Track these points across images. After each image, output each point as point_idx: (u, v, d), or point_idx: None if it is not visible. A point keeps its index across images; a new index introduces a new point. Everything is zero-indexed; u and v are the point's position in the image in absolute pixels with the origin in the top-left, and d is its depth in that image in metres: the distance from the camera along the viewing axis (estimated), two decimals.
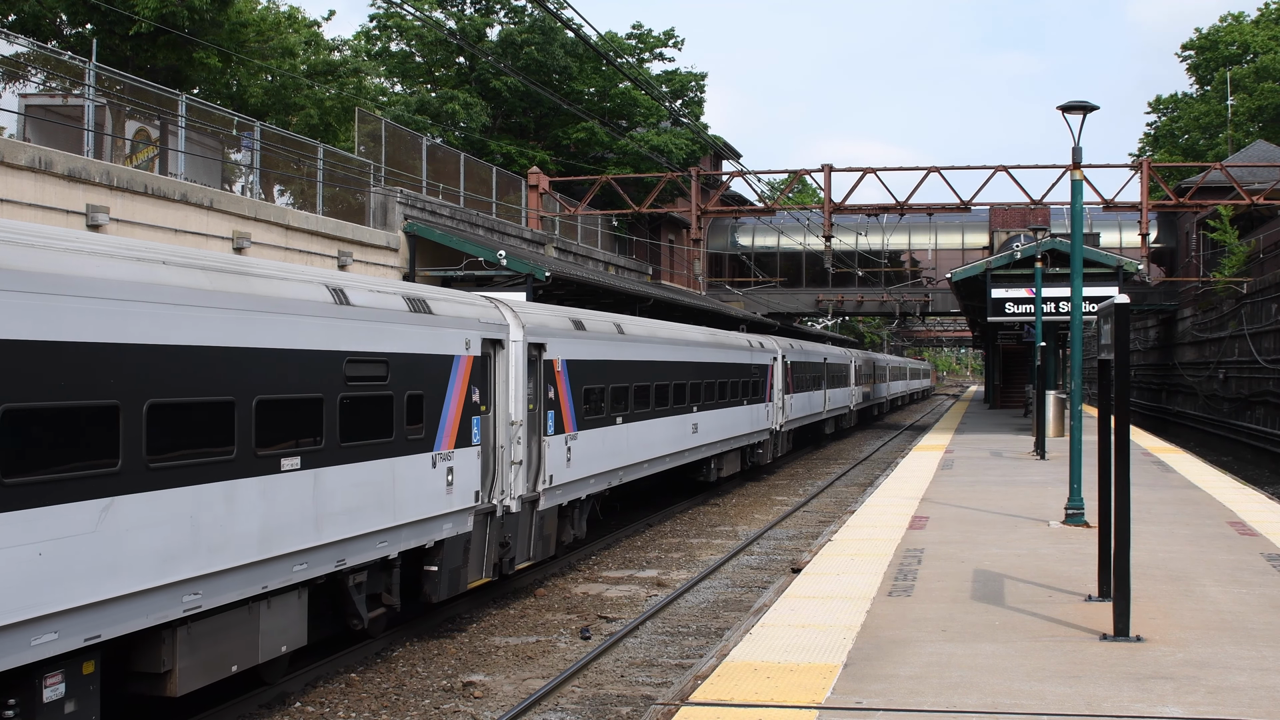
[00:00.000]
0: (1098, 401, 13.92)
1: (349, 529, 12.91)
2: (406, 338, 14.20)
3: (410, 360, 14.24)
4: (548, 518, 18.74)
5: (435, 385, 14.83)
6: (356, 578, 13.40)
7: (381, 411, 13.67)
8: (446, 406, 15.05)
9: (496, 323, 16.93)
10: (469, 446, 15.66)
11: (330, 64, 41.70)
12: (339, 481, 12.73)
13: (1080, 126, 18.30)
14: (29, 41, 25.39)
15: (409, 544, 14.27)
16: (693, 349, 28.12)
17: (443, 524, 15.00)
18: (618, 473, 22.42)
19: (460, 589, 15.70)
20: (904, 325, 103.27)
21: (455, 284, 29.24)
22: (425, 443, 14.55)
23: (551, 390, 18.70)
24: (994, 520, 19.24)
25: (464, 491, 15.52)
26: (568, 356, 19.41)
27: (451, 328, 15.38)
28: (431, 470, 14.67)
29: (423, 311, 14.73)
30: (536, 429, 18.19)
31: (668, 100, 52.26)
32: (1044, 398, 32.62)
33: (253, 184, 26.47)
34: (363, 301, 13.48)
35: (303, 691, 13.33)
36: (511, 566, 17.33)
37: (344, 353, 12.88)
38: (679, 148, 52.80)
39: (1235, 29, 77.80)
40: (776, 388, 37.74)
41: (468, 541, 15.73)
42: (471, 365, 15.79)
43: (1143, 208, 46.45)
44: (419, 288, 16.00)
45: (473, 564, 16.03)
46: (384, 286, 14.60)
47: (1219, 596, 13.18)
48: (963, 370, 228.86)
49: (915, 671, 10.21)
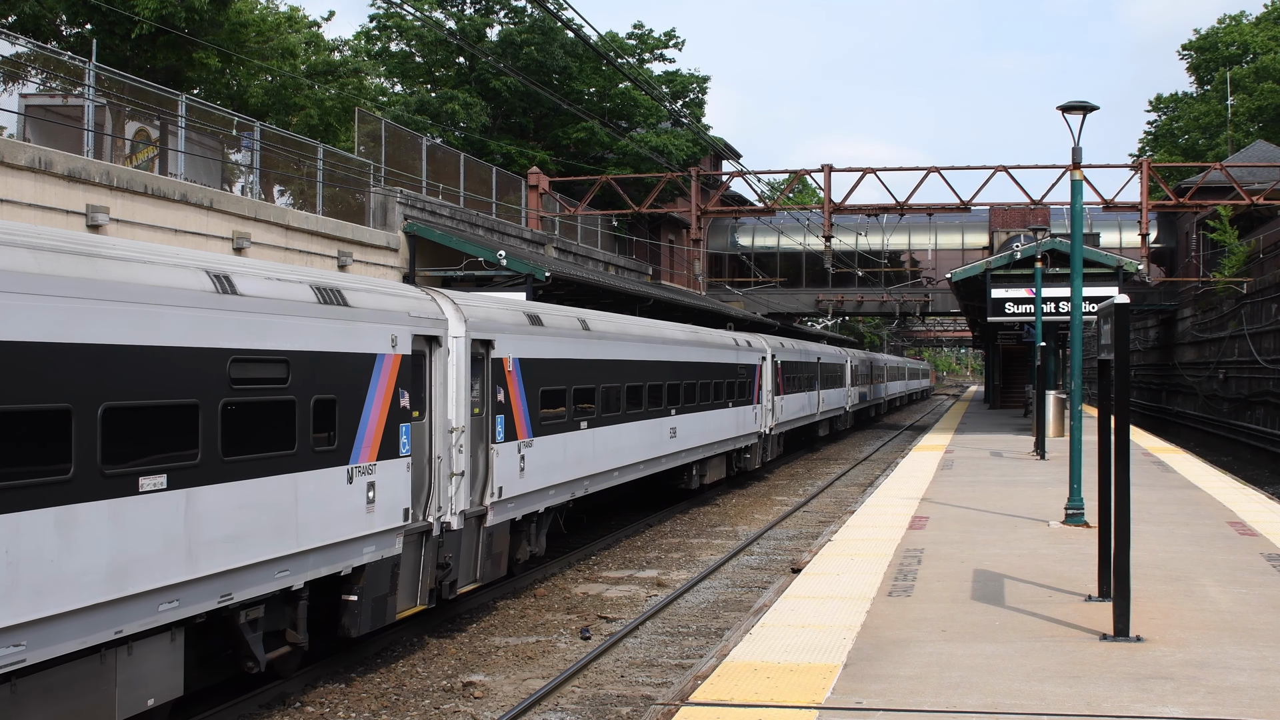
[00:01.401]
0: (1098, 401, 13.92)
1: (235, 558, 11.11)
2: (314, 333, 12.40)
3: (319, 360, 12.46)
4: (497, 534, 17.00)
5: (352, 388, 13.07)
6: (249, 614, 11.61)
7: (280, 419, 11.87)
8: (367, 413, 13.28)
9: (431, 316, 15.05)
10: (396, 458, 13.89)
11: (330, 64, 41.73)
12: (221, 503, 10.91)
13: (1080, 126, 18.30)
14: (29, 42, 25.39)
15: (319, 572, 12.47)
16: (670, 347, 26.66)
17: (363, 547, 13.22)
18: (582, 482, 20.71)
19: (387, 620, 13.94)
20: (904, 325, 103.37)
21: (455, 284, 29.25)
22: (338, 455, 12.76)
23: (501, 392, 16.98)
24: (994, 520, 19.24)
25: (389, 509, 13.72)
26: (521, 355, 17.75)
27: (373, 322, 13.56)
28: (347, 486, 12.88)
29: (335, 303, 12.90)
30: (483, 436, 16.53)
31: (668, 101, 52.26)
32: (1044, 398, 32.62)
33: (253, 184, 26.48)
34: (255, 290, 11.64)
35: (303, 691, 13.33)
36: (453, 590, 15.57)
37: (228, 350, 11.07)
38: (679, 148, 52.82)
39: (1235, 29, 77.85)
40: (765, 389, 36.23)
41: (396, 565, 13.93)
42: (400, 365, 13.99)
43: (1143, 208, 46.44)
44: (333, 275, 14.09)
45: (403, 590, 14.30)
46: (287, 274, 12.64)
47: (1219, 596, 13.18)
48: (963, 370, 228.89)
49: (915, 671, 10.21)
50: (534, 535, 18.92)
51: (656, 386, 25.10)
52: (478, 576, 16.43)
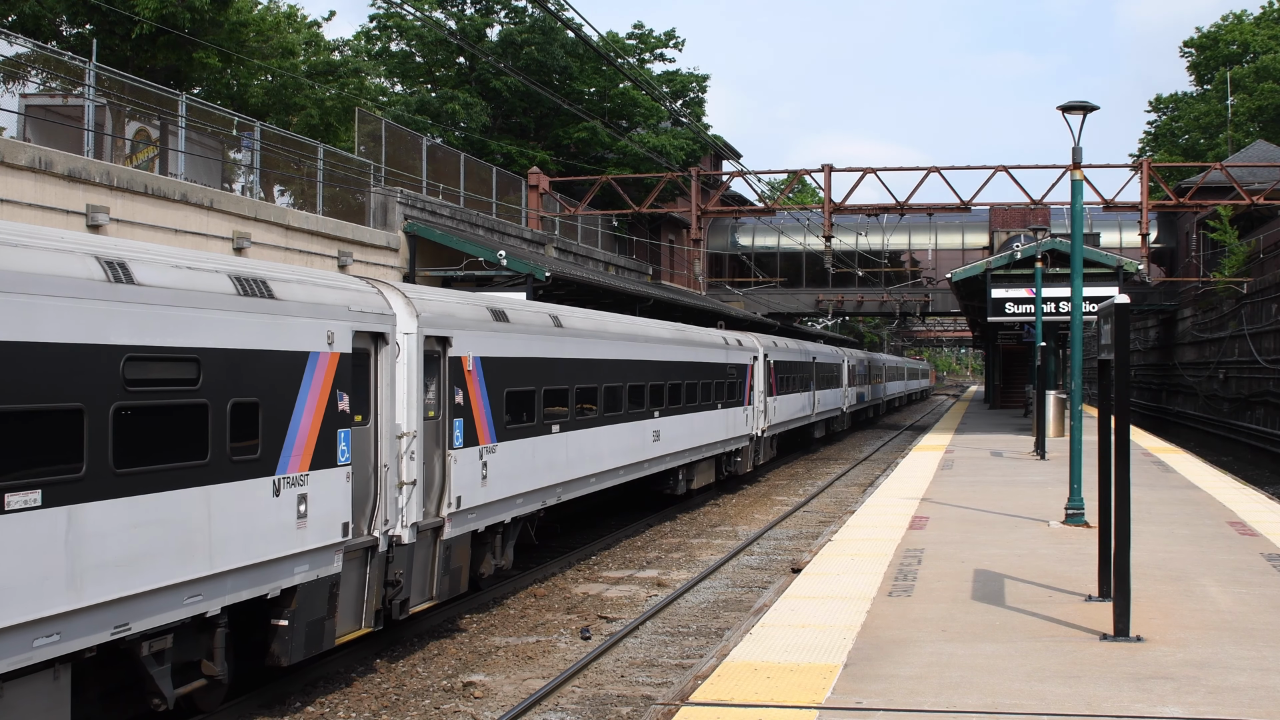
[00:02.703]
0: (1098, 401, 13.92)
1: (132, 583, 9.82)
2: (231, 329, 11.09)
3: (238, 358, 11.17)
4: (456, 548, 15.74)
5: (279, 391, 11.79)
6: (154, 645, 10.34)
7: (189, 426, 10.58)
8: (297, 417, 12.02)
9: (376, 311, 13.73)
10: (333, 467, 12.63)
11: (330, 64, 41.75)
12: (112, 521, 9.60)
13: (1080, 127, 18.31)
14: (29, 42, 25.39)
15: (239, 596, 11.23)
16: (654, 346, 25.32)
17: (293, 567, 11.98)
18: (555, 490, 19.38)
19: (325, 645, 12.72)
20: (904, 325, 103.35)
21: (455, 284, 29.28)
22: (262, 464, 11.49)
23: (460, 394, 15.79)
24: (994, 520, 19.24)
25: (325, 524, 12.48)
26: (483, 353, 16.52)
27: (305, 316, 12.26)
28: (273, 500, 11.62)
29: (259, 295, 11.56)
30: (440, 442, 15.32)
31: (668, 101, 52.27)
32: (1044, 398, 32.63)
33: (253, 184, 26.49)
34: (156, 280, 10.32)
35: (303, 691, 13.33)
36: (404, 610, 14.31)
37: (122, 348, 9.78)
38: (679, 148, 52.83)
39: (1236, 28, 77.85)
40: (757, 389, 35.02)
41: (334, 585, 12.72)
42: (338, 365, 12.74)
43: (1143, 208, 46.45)
44: (260, 264, 12.74)
45: (344, 612, 13.13)
46: (200, 261, 11.29)
47: (1219, 596, 13.18)
48: (963, 370, 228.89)
49: (915, 671, 10.21)
50: (499, 548, 17.58)
51: (638, 387, 24.01)
52: (433, 594, 15.20)
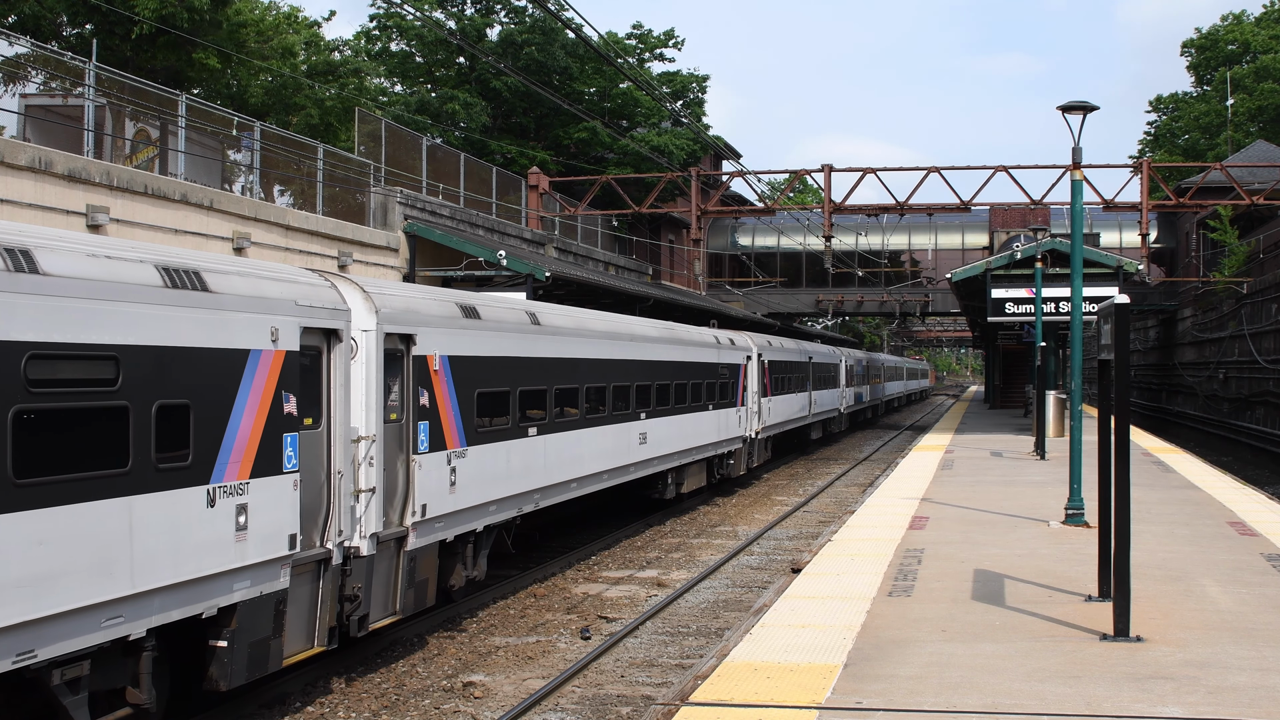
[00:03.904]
0: (1098, 401, 13.92)
1: (37, 606, 9.01)
2: (157, 324, 10.11)
3: (165, 356, 10.18)
4: (422, 559, 14.82)
5: (214, 392, 10.85)
6: (67, 673, 9.43)
7: (106, 431, 9.62)
8: (235, 421, 11.09)
9: (328, 306, 12.78)
10: (279, 474, 11.72)
11: (330, 64, 41.76)
12: (13, 538, 8.86)
13: (1080, 127, 18.31)
14: (29, 42, 25.39)
15: (168, 616, 10.27)
16: (640, 345, 24.36)
17: (232, 583, 11.08)
18: (531, 496, 18.51)
19: (270, 667, 11.77)
20: (904, 325, 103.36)
21: (455, 284, 29.28)
22: (194, 473, 10.54)
23: (426, 395, 14.93)
24: (994, 520, 19.24)
25: (269, 536, 11.56)
26: (451, 352, 15.68)
27: (245, 311, 11.32)
28: (206, 511, 10.68)
29: (190, 287, 10.59)
30: (403, 446, 14.48)
31: (668, 101, 52.28)
32: (1044, 398, 32.64)
33: (253, 184, 26.49)
34: (66, 269, 9.38)
35: (303, 691, 13.33)
36: (363, 626, 13.40)
37: (22, 344, 8.92)
38: (679, 148, 52.84)
39: (1236, 28, 77.85)
40: (751, 389, 34.07)
41: (280, 602, 11.80)
42: (283, 364, 11.81)
43: (1143, 208, 46.46)
44: (193, 254, 11.69)
45: (293, 630, 12.22)
46: (123, 250, 10.33)
47: (1219, 596, 13.18)
48: (963, 370, 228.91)
49: (915, 672, 10.21)
50: (471, 558, 16.62)
51: (623, 388, 23.06)
52: (397, 609, 14.34)
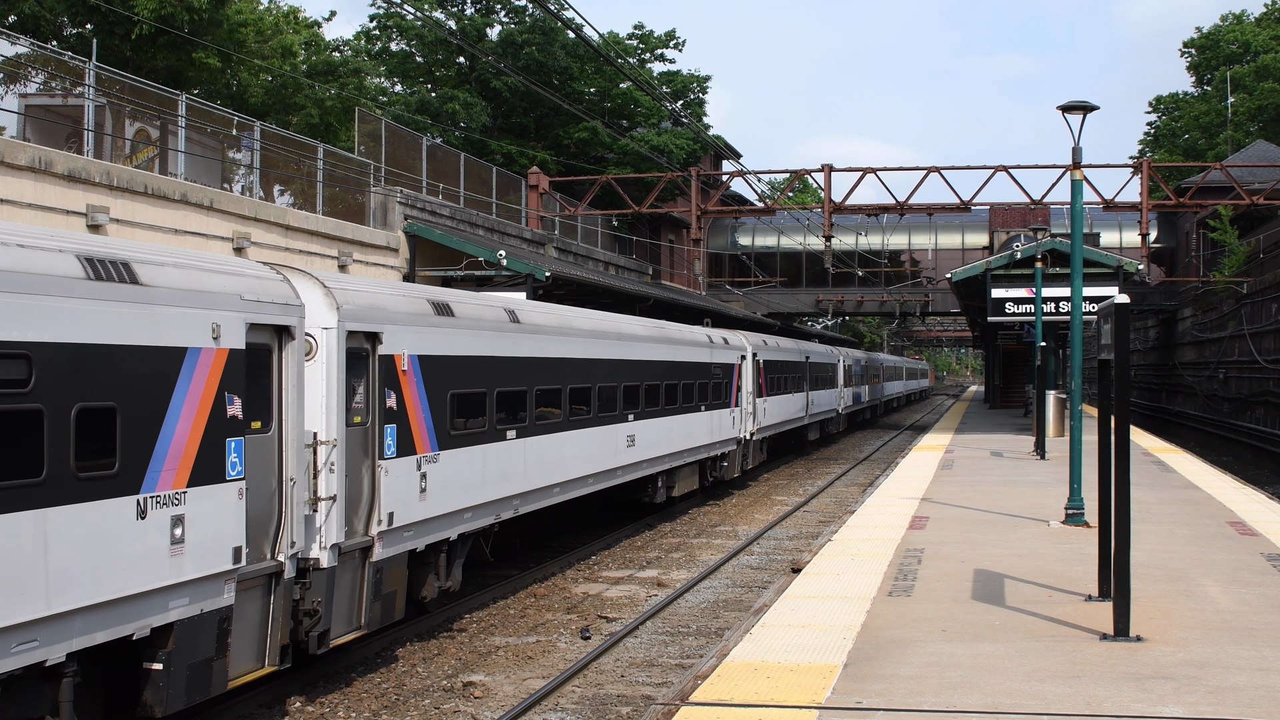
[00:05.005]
0: (1098, 401, 13.92)
1: None
2: (78, 320, 9.33)
3: (87, 355, 9.39)
4: (389, 571, 14.07)
5: (145, 393, 10.00)
6: None
7: (16, 437, 8.94)
8: (170, 425, 10.26)
9: (278, 301, 11.88)
10: (221, 482, 10.88)
11: (330, 64, 41.75)
12: None
13: (1080, 126, 18.31)
14: (29, 42, 25.39)
15: (92, 638, 9.48)
16: (628, 344, 23.62)
17: (168, 601, 10.25)
18: (510, 502, 17.76)
19: (214, 690, 10.93)
20: (904, 325, 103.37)
21: (455, 284, 29.28)
22: (121, 482, 9.71)
23: (393, 397, 14.17)
24: (994, 520, 19.25)
25: (210, 549, 10.71)
26: (421, 351, 14.91)
27: (181, 305, 10.46)
28: (136, 523, 9.86)
29: (117, 279, 9.79)
30: (369, 451, 13.75)
31: (668, 100, 52.29)
32: (1044, 398, 32.64)
33: (253, 184, 26.49)
34: None
35: (303, 691, 13.33)
36: (324, 643, 12.64)
37: None
38: (679, 148, 52.86)
39: (1236, 28, 77.85)
40: (746, 390, 33.36)
41: (224, 620, 10.97)
42: (227, 363, 10.97)
43: (1143, 208, 46.46)
44: (125, 244, 10.94)
45: (240, 649, 11.41)
46: (38, 239, 9.49)
47: (1219, 596, 13.18)
48: (963, 370, 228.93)
49: (915, 671, 10.21)
50: (445, 567, 15.94)
51: (609, 388, 22.35)
52: (362, 623, 13.58)
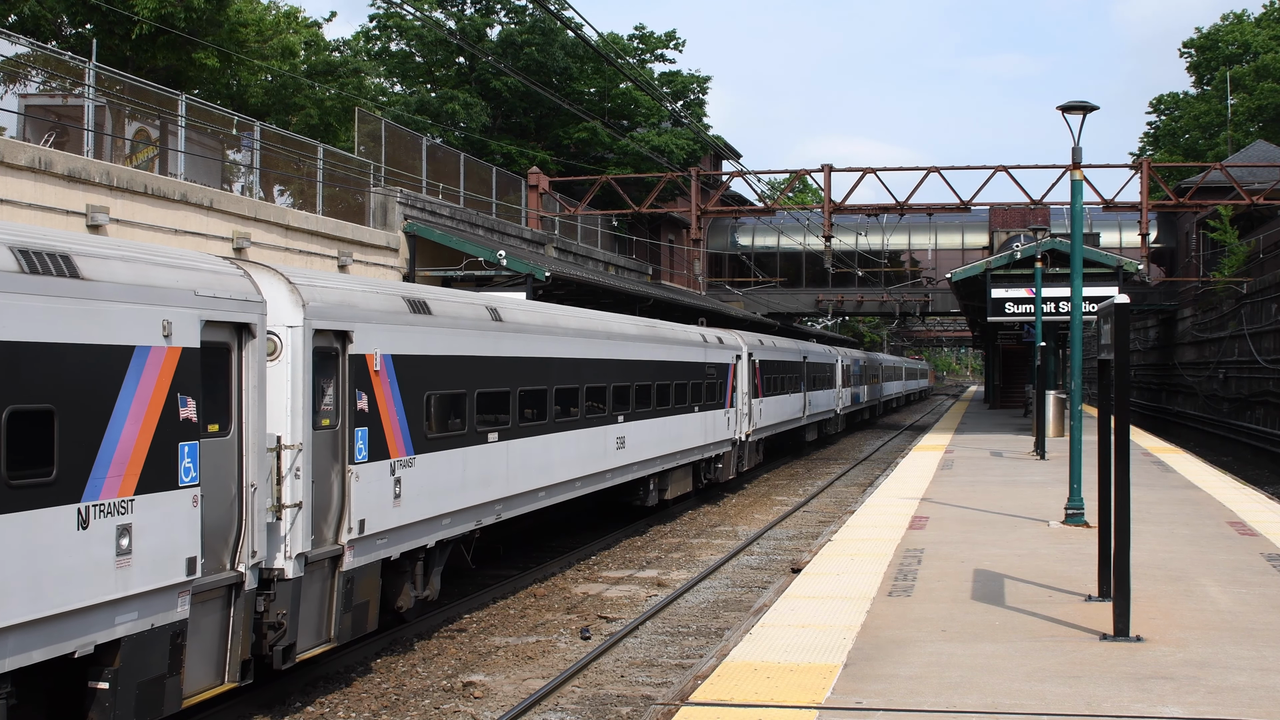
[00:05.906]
0: (1098, 401, 13.92)
1: None
2: (10, 316, 8.79)
3: (19, 354, 8.84)
4: (360, 580, 13.49)
5: (87, 395, 9.43)
6: None
7: None
8: (115, 429, 9.68)
9: (237, 297, 11.24)
10: (173, 489, 10.27)
11: (330, 64, 41.75)
12: None
13: (1080, 126, 18.32)
14: (29, 42, 25.39)
15: (28, 657, 8.94)
16: (617, 344, 23.05)
17: (114, 615, 9.69)
18: (492, 507, 17.19)
19: (167, 708, 10.35)
20: (904, 325, 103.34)
21: (455, 284, 29.28)
22: (60, 489, 9.11)
23: (365, 399, 13.61)
24: (994, 520, 19.25)
25: (160, 560, 10.10)
26: (396, 350, 14.34)
27: (128, 301, 9.88)
28: (77, 534, 9.26)
29: (55, 273, 9.22)
30: (338, 456, 13.20)
31: (668, 101, 52.28)
32: (1044, 398, 32.65)
33: (253, 184, 26.49)
34: None
35: (303, 691, 13.33)
36: (289, 657, 12.13)
37: None
38: (679, 148, 52.86)
39: (1236, 28, 77.84)
40: (741, 390, 32.88)
41: (179, 635, 10.39)
42: (179, 363, 10.37)
43: (1143, 208, 46.45)
44: (65, 235, 10.25)
45: (196, 665, 10.81)
46: None
47: (1219, 596, 13.18)
48: (962, 370, 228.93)
49: (915, 671, 10.21)
50: (422, 576, 15.36)
51: (598, 389, 21.81)
52: (331, 635, 13.03)
